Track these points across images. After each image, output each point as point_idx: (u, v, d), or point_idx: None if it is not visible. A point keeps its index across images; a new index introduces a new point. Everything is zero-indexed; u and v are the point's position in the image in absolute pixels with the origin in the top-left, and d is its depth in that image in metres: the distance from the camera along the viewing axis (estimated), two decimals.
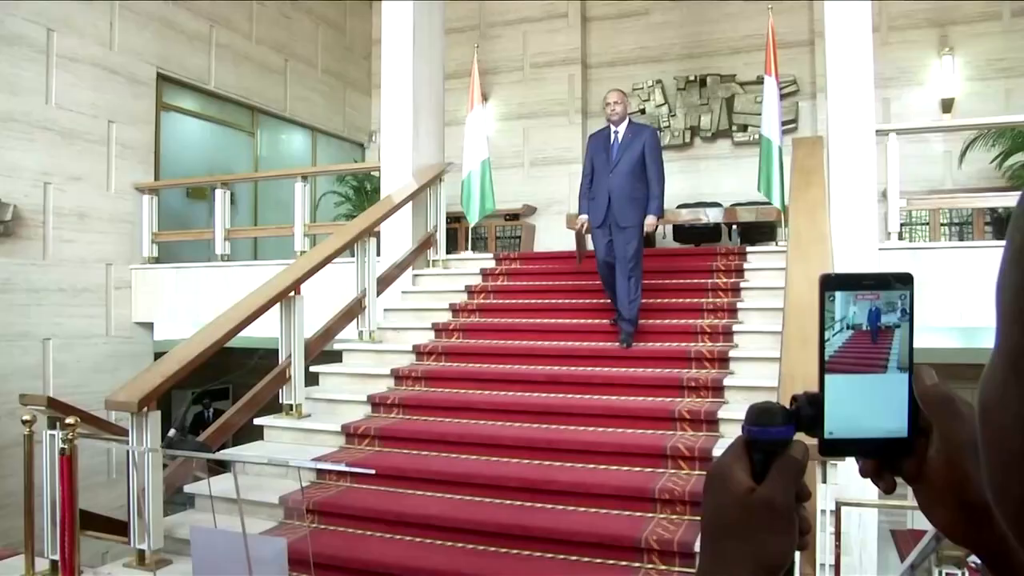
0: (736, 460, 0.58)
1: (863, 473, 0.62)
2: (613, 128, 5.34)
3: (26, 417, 3.10)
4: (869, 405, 0.58)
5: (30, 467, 3.13)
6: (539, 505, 3.82)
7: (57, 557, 3.13)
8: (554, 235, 8.95)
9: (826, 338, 0.58)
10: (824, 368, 0.58)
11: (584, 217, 5.36)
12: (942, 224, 7.91)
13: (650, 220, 5.16)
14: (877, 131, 5.36)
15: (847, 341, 0.58)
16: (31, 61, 6.62)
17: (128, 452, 3.75)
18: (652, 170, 5.18)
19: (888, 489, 0.61)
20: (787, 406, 0.60)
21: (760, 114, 6.85)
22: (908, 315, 0.58)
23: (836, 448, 0.59)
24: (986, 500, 0.53)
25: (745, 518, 0.56)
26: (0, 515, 5.96)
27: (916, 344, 0.59)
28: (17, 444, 4.84)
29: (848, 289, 0.58)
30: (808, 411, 0.59)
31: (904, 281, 0.58)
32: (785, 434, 0.58)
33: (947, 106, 8.62)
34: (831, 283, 0.58)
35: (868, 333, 0.58)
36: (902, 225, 5.79)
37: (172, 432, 4.43)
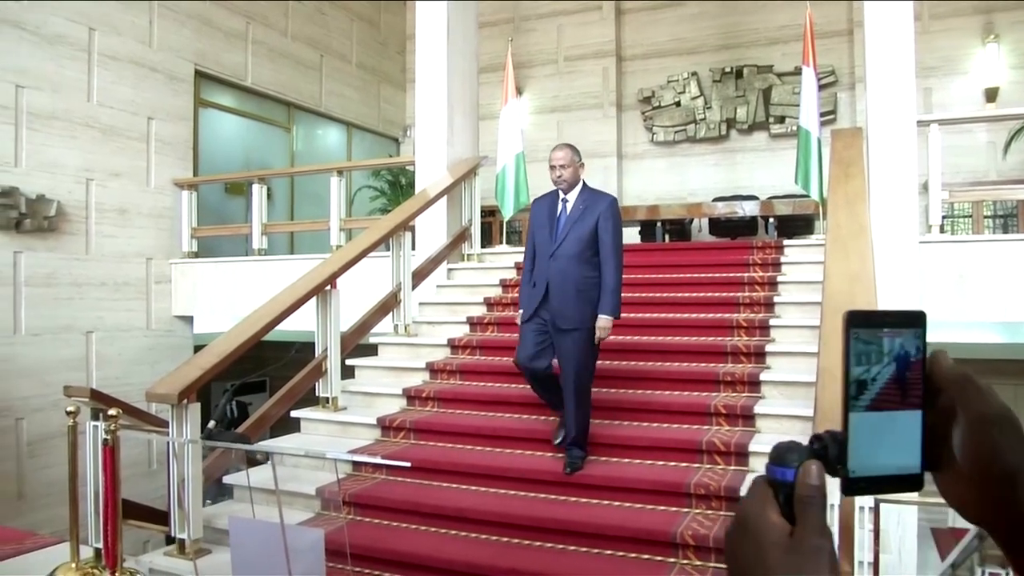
0: (767, 502, 0.57)
1: None
2: (562, 195, 4.14)
3: (70, 408, 3.17)
4: (887, 442, 0.58)
5: (74, 457, 3.20)
6: (573, 499, 3.82)
7: (100, 545, 3.19)
8: None
9: (852, 376, 0.58)
10: (848, 406, 0.58)
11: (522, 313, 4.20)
12: (986, 216, 7.75)
13: (603, 321, 3.90)
14: (918, 122, 5.24)
15: (871, 378, 0.58)
16: (73, 60, 6.76)
17: (168, 443, 3.81)
18: (607, 253, 3.94)
19: None
20: (807, 444, 0.60)
21: (798, 105, 6.76)
22: (922, 352, 0.59)
23: (857, 487, 0.59)
24: (1014, 468, 0.55)
25: (790, 563, 0.54)
26: (46, 503, 6.13)
27: (958, 340, 0.59)
28: (62, 435, 4.96)
29: (872, 327, 0.58)
30: (835, 450, 0.58)
31: (921, 318, 0.59)
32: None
33: (991, 95, 8.43)
34: (856, 320, 0.58)
35: (890, 370, 0.58)
36: (944, 218, 5.66)
37: (211, 424, 4.51)
